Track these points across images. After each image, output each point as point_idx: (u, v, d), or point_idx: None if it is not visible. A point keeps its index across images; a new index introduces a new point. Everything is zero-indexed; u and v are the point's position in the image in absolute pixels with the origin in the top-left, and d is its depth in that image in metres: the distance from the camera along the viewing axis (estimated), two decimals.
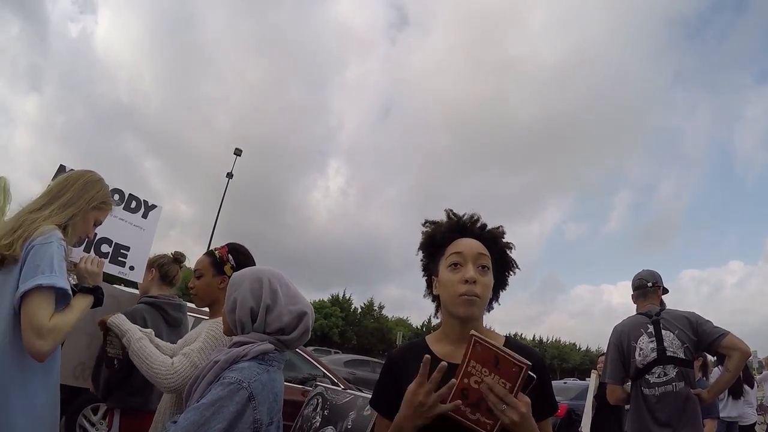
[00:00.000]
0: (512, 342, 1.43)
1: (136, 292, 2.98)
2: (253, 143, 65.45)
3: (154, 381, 1.83)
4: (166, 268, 2.81)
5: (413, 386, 1.17)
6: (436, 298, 1.48)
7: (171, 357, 1.90)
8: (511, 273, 1.50)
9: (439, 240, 1.44)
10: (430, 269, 1.49)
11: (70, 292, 1.73)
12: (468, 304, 1.32)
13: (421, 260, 1.52)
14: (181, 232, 56.17)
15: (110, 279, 3.13)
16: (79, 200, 1.91)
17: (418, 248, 1.52)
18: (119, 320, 1.99)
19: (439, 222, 1.49)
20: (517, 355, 1.11)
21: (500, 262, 1.45)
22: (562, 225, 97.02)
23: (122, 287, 3.20)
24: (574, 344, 58.99)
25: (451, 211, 1.49)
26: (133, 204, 3.00)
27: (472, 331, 1.14)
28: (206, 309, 2.21)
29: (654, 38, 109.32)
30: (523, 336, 54.29)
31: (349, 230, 72.99)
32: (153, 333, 2.09)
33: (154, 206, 3.06)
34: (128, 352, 1.91)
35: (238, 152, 22.99)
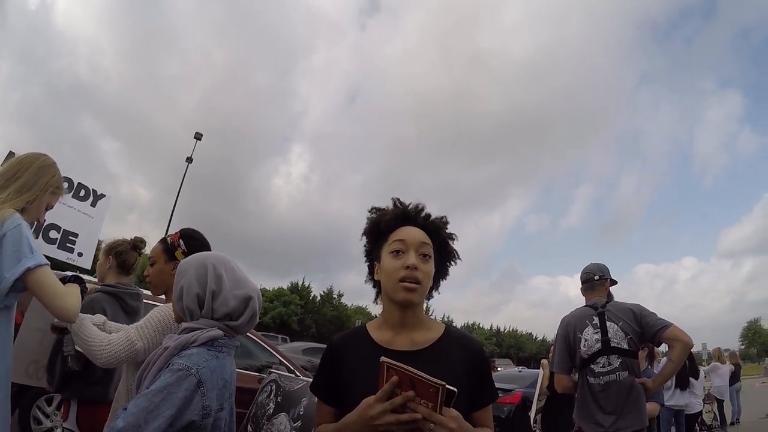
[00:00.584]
0: (452, 331, 1.47)
1: (94, 279, 2.92)
2: (216, 126, 64.04)
3: (89, 355, 1.83)
4: (124, 256, 2.73)
5: (372, 400, 1.16)
6: (377, 284, 1.51)
7: None
8: (452, 263, 1.55)
9: (383, 227, 1.47)
10: (372, 255, 1.52)
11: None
12: (407, 290, 1.35)
13: (365, 246, 1.55)
14: (139, 216, 54.57)
15: (60, 265, 3.05)
16: (34, 185, 1.92)
17: (362, 234, 1.54)
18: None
19: (385, 209, 1.51)
20: (430, 378, 1.09)
21: (442, 251, 1.49)
22: (523, 217, 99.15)
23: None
24: (530, 334, 60.56)
25: (398, 199, 1.53)
26: (82, 192, 3.00)
27: (382, 358, 1.13)
28: (162, 297, 2.19)
29: (624, 39, 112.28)
30: (480, 326, 55.42)
31: (311, 217, 72.36)
32: (107, 321, 2.06)
33: (102, 195, 3.07)
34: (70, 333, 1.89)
35: (198, 136, 22.39)
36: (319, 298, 41.38)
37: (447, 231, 1.52)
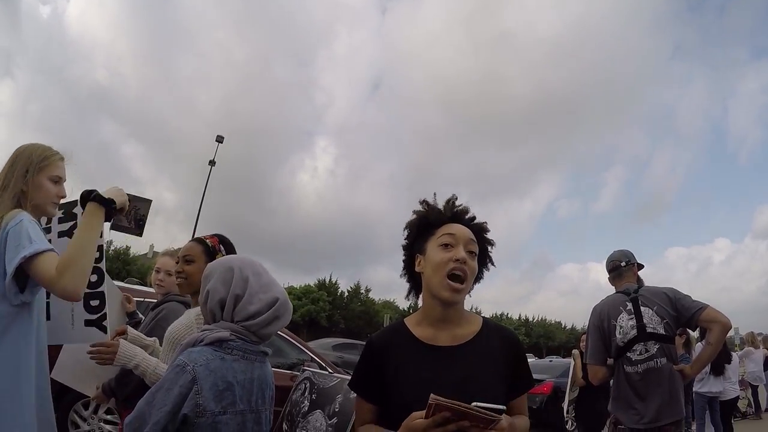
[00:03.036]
0: (490, 323, 1.50)
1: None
2: (239, 124, 63.76)
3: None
4: None
5: (419, 425, 1.16)
6: (412, 278, 1.56)
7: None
8: (487, 269, 1.59)
9: (432, 221, 1.50)
10: (413, 248, 1.54)
11: (56, 251, 1.76)
12: (453, 290, 1.38)
13: (406, 238, 1.57)
14: (165, 219, 55.31)
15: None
16: (13, 177, 1.86)
17: (406, 226, 1.56)
18: (125, 355, 2.00)
19: (434, 204, 1.54)
20: (486, 410, 1.11)
21: (481, 255, 1.52)
22: (554, 202, 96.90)
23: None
24: (559, 323, 59.75)
25: (454, 197, 1.55)
26: None
27: (432, 397, 1.12)
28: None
29: (655, 10, 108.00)
30: (509, 315, 54.87)
31: (338, 212, 71.87)
32: (157, 341, 2.14)
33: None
34: (145, 380, 1.96)
35: (219, 139, 22.68)
36: (346, 293, 41.55)
37: (488, 236, 1.56)
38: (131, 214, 2.13)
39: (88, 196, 1.84)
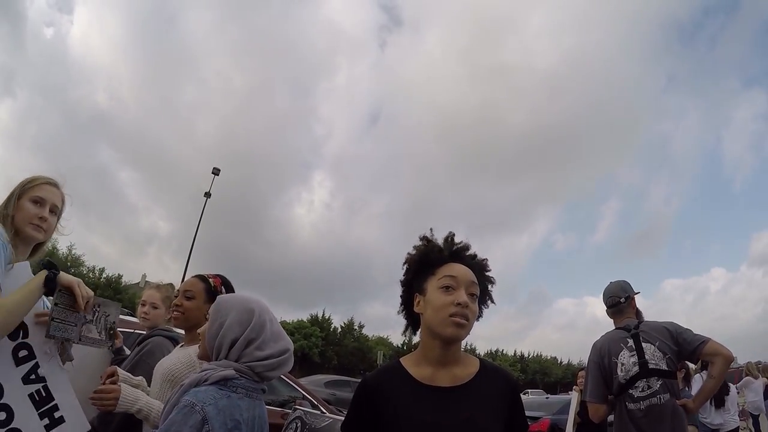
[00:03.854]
0: (487, 363, 1.47)
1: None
2: (236, 152, 64.37)
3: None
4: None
5: None
6: (411, 317, 1.51)
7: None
8: (486, 306, 1.54)
9: (432, 260, 1.45)
10: (413, 286, 1.49)
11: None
12: (457, 326, 1.34)
13: (405, 275, 1.53)
14: (159, 248, 55.01)
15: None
16: (3, 203, 1.84)
17: (405, 262, 1.52)
18: (127, 400, 1.90)
19: (434, 242, 1.50)
20: None
21: (481, 293, 1.48)
22: (550, 236, 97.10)
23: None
24: (555, 358, 59.32)
25: (452, 235, 1.51)
26: None
27: None
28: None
29: (648, 42, 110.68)
30: (504, 352, 54.43)
31: (333, 245, 71.94)
32: (144, 380, 2.09)
33: None
34: (147, 424, 1.90)
35: (216, 171, 22.68)
36: (339, 329, 41.17)
37: (488, 274, 1.52)
38: (100, 323, 2.04)
39: (48, 268, 1.77)
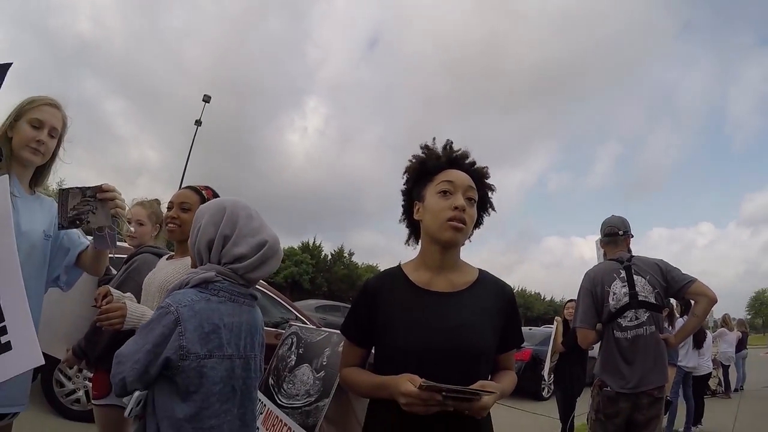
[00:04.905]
0: (486, 275, 1.48)
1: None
2: (228, 79, 61.85)
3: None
4: (161, 222, 2.72)
5: (409, 391, 1.16)
6: (412, 225, 1.53)
7: None
8: (487, 214, 1.55)
9: (430, 167, 1.45)
10: (412, 194, 1.50)
11: None
12: (454, 230, 1.35)
13: (405, 184, 1.53)
14: (150, 179, 54.29)
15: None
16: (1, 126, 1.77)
17: (405, 171, 1.52)
18: (134, 315, 1.86)
19: (433, 149, 1.49)
20: (469, 391, 1.14)
21: (481, 201, 1.49)
22: (545, 174, 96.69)
23: None
24: (539, 294, 60.80)
25: (450, 142, 1.50)
26: None
27: (422, 382, 1.12)
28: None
29: None
30: None
31: (326, 173, 71.19)
32: (132, 296, 2.05)
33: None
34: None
35: (206, 99, 21.81)
36: (330, 257, 41.66)
37: (488, 181, 1.51)
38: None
39: None
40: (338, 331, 2.53)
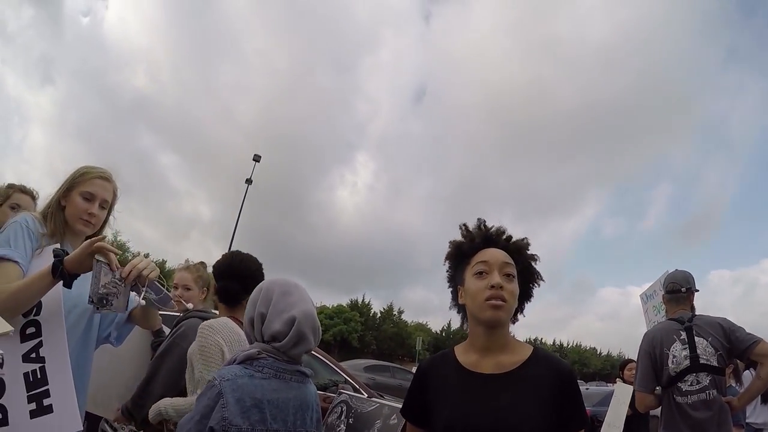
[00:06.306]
0: (540, 352, 1.44)
1: None
2: (278, 134, 63.54)
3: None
4: (208, 286, 2.76)
5: None
6: (461, 309, 1.53)
7: None
8: (536, 285, 1.53)
9: (466, 250, 1.49)
10: (456, 280, 1.53)
11: (22, 267, 1.63)
12: (494, 308, 1.34)
13: (447, 271, 1.57)
14: (201, 233, 55.98)
15: None
16: (55, 193, 1.88)
17: (445, 259, 1.56)
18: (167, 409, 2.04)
19: (472, 230, 1.52)
20: None
21: (525, 273, 1.48)
22: (597, 221, 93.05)
23: None
24: (594, 349, 58.10)
25: (483, 222, 1.53)
26: None
27: None
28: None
29: (707, 12, 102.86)
30: (543, 341, 53.66)
31: (376, 228, 70.79)
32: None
33: None
34: None
35: (257, 158, 22.62)
36: (379, 314, 41.40)
37: (529, 252, 1.51)
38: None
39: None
40: (389, 403, 2.52)
